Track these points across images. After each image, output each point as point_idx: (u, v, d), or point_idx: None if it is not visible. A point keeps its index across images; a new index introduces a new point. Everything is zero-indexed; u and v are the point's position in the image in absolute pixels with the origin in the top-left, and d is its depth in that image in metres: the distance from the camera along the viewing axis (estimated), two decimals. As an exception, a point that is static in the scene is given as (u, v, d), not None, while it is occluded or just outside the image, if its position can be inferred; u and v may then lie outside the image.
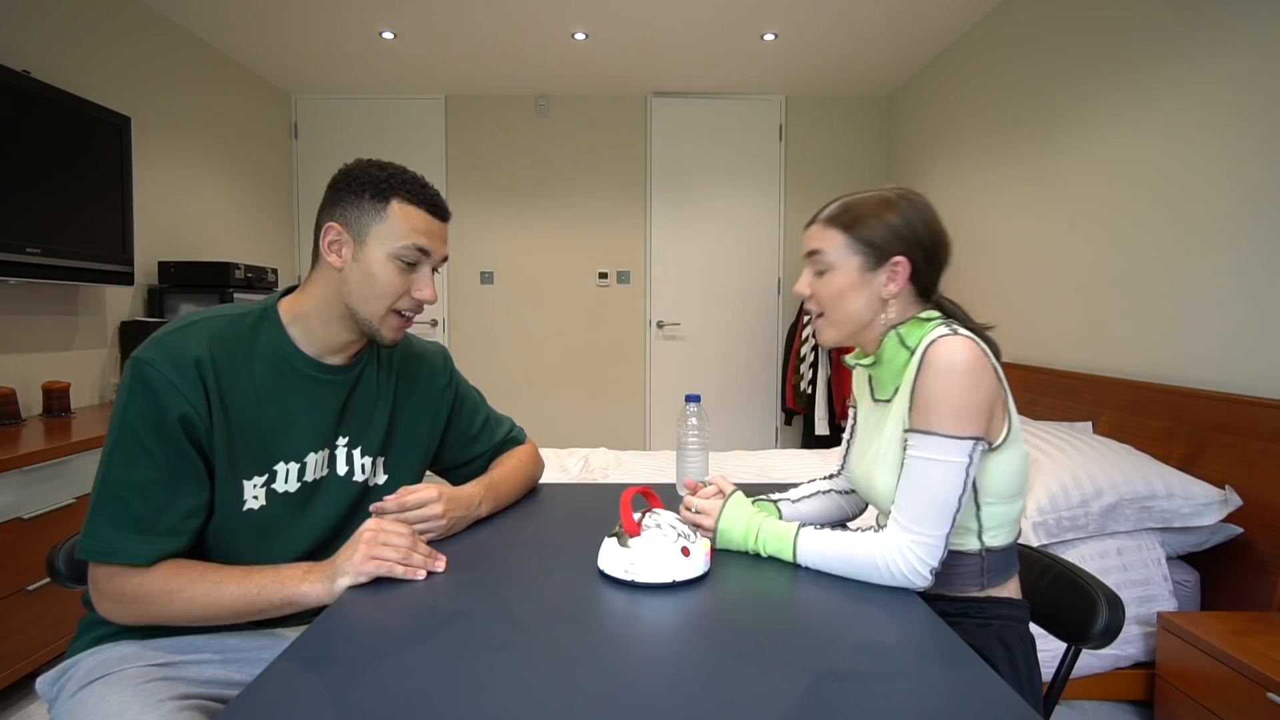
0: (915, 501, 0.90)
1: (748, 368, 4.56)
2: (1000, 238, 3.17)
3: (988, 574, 0.99)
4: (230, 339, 0.95)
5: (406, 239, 0.98)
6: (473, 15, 3.30)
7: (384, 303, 0.99)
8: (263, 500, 0.97)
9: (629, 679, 0.69)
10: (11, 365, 2.44)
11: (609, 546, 0.95)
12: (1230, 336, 1.97)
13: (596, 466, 2.61)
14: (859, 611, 0.85)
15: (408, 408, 1.17)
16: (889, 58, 3.81)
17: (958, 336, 0.92)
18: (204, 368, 0.91)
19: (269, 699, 0.65)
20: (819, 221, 1.04)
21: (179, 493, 0.89)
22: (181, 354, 0.90)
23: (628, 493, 0.98)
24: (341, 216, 0.98)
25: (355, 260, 0.98)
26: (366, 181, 0.98)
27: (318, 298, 1.01)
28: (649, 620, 0.82)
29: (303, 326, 1.01)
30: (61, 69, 2.60)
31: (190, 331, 0.93)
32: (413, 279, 1.01)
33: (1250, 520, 1.81)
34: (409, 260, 0.99)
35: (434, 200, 1.01)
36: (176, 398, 0.88)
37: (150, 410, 0.87)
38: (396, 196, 0.98)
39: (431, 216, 1.01)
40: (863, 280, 1.01)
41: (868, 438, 1.08)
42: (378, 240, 0.98)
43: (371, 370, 1.12)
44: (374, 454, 1.10)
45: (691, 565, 0.92)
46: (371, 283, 0.98)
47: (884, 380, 1.06)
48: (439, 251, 1.03)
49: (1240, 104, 1.93)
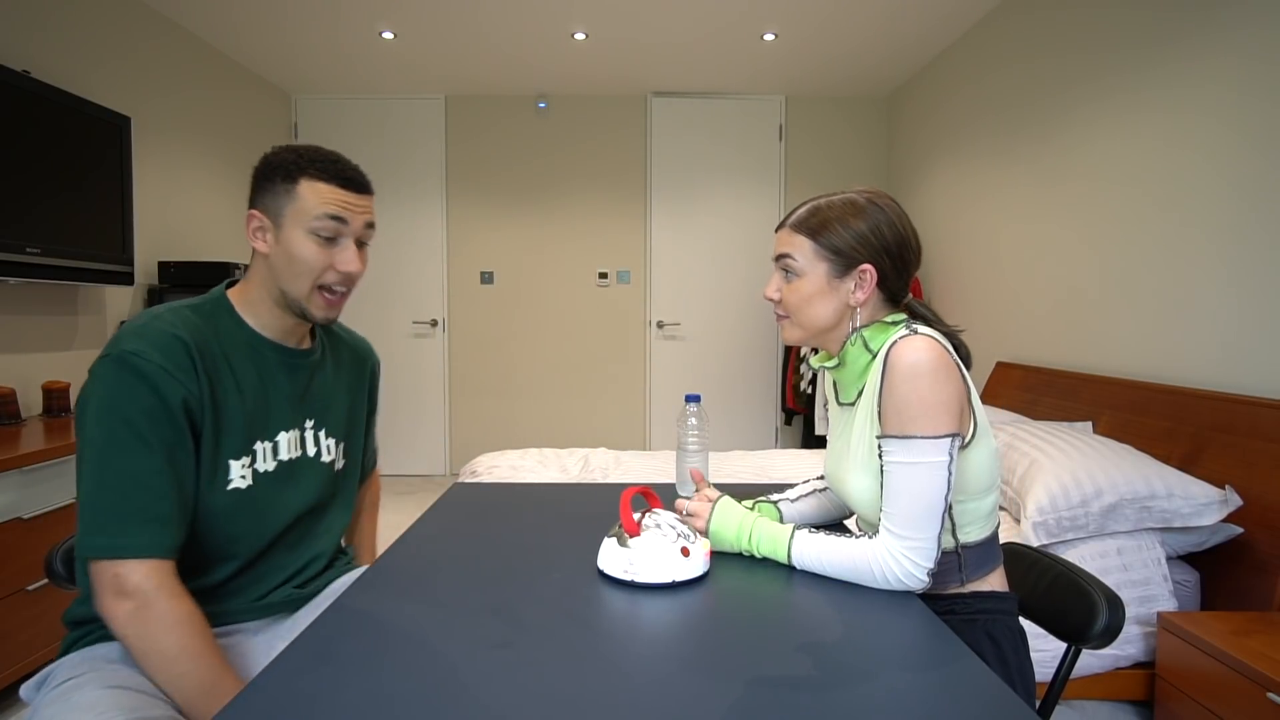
0: (903, 508, 0.90)
1: (748, 368, 4.56)
2: (1000, 238, 3.17)
3: (965, 569, 0.99)
4: (199, 326, 0.97)
5: (316, 211, 0.99)
6: (473, 15, 3.30)
7: (308, 279, 1.01)
8: (250, 480, 1.00)
9: (629, 679, 0.69)
10: (11, 365, 2.44)
11: (609, 546, 0.95)
12: (1230, 337, 1.97)
13: (596, 466, 2.61)
14: (858, 611, 0.85)
15: (356, 396, 1.22)
16: (888, 58, 3.81)
17: (918, 336, 0.92)
18: (192, 351, 0.93)
19: (268, 698, 0.65)
20: (788, 226, 1.04)
21: (177, 480, 0.90)
22: (168, 340, 0.91)
23: (627, 493, 0.99)
24: (260, 203, 1.01)
25: (277, 243, 1.00)
26: (277, 166, 0.99)
27: (256, 284, 1.04)
28: (649, 620, 0.82)
29: (252, 313, 1.04)
30: (61, 69, 2.60)
31: (166, 320, 0.94)
32: (334, 252, 1.01)
33: (1250, 520, 1.81)
34: (325, 234, 0.99)
35: (344, 173, 1.01)
36: (173, 383, 0.89)
37: (146, 399, 0.87)
38: (305, 175, 0.99)
39: (343, 189, 1.01)
40: (830, 288, 1.01)
41: (838, 441, 1.09)
42: (293, 220, 0.99)
43: (329, 356, 1.16)
44: (337, 437, 1.15)
45: (691, 565, 0.92)
46: (293, 261, 1.00)
47: (846, 383, 1.06)
48: (356, 221, 1.02)
49: (1239, 105, 1.93)
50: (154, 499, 0.87)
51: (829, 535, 0.97)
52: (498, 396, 4.55)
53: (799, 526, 1.00)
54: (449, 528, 1.18)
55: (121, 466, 0.86)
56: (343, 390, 1.18)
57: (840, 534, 0.97)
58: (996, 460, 1.00)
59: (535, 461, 2.63)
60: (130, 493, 0.86)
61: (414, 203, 4.46)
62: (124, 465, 0.86)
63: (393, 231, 4.45)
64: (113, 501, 0.86)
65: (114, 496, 0.86)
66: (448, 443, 4.57)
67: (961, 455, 0.95)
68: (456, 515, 1.25)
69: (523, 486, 1.50)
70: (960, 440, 0.92)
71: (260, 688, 0.66)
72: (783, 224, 1.06)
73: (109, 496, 0.86)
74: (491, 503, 1.34)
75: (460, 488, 1.44)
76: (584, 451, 2.80)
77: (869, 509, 0.99)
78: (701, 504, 1.07)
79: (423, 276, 4.49)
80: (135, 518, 0.86)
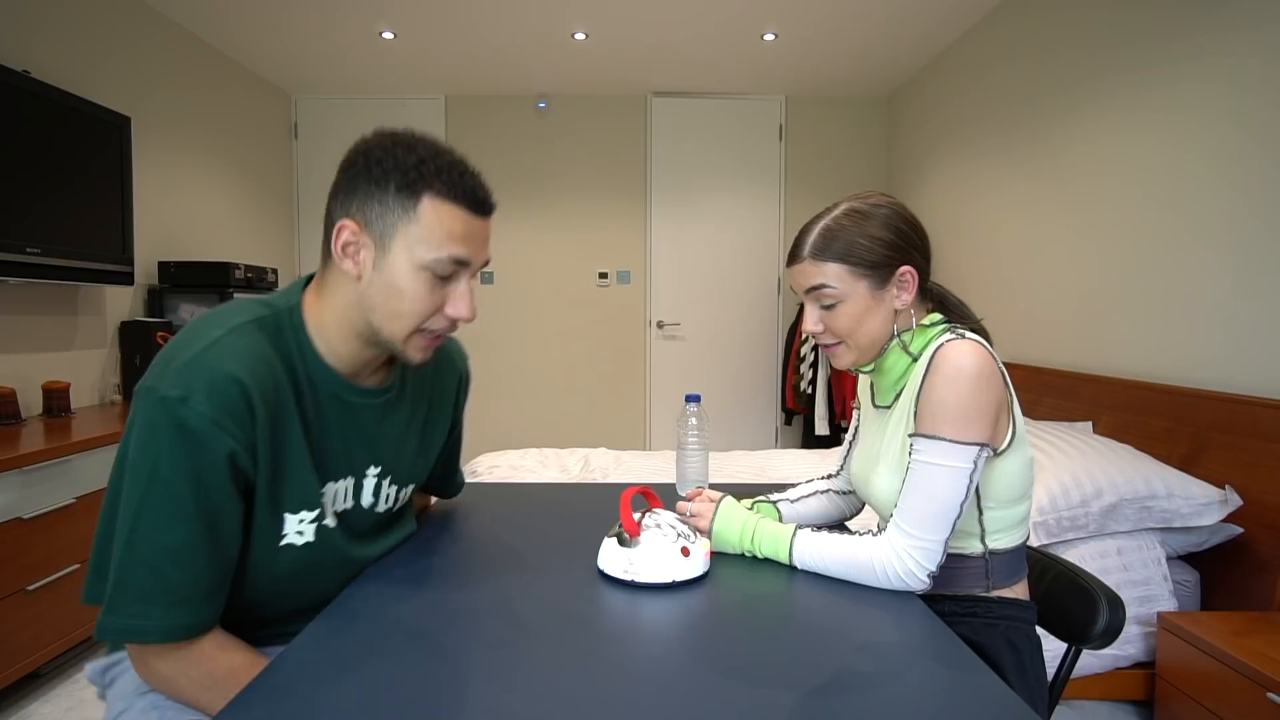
0: (916, 505, 0.90)
1: (748, 368, 4.56)
2: (1000, 238, 3.17)
3: (993, 576, 0.99)
4: (265, 355, 0.79)
5: (441, 249, 0.79)
6: (473, 15, 3.30)
7: (411, 321, 0.82)
8: (309, 536, 0.85)
9: (629, 679, 0.69)
10: (11, 365, 2.44)
11: (609, 546, 0.95)
12: (1230, 337, 1.97)
13: (596, 466, 2.61)
14: (859, 611, 0.85)
15: (436, 419, 1.06)
16: (889, 58, 3.81)
17: (965, 340, 0.92)
18: (251, 395, 0.75)
19: (268, 698, 0.65)
20: (807, 258, 0.98)
21: (218, 549, 0.76)
22: (221, 381, 0.73)
23: (628, 493, 0.98)
24: (360, 213, 0.79)
25: (376, 269, 0.80)
26: (392, 169, 0.78)
27: (335, 308, 0.84)
28: (649, 620, 0.82)
29: (325, 340, 0.85)
30: (61, 69, 2.60)
31: (223, 349, 0.76)
32: (446, 293, 0.84)
33: (1250, 520, 1.81)
34: (443, 274, 0.81)
35: (475, 194, 0.81)
36: (222, 438, 0.73)
37: (190, 460, 0.72)
38: (430, 191, 0.78)
39: (472, 215, 0.82)
40: (875, 301, 0.98)
41: (869, 441, 1.08)
42: (405, 246, 0.79)
43: (407, 391, 0.98)
44: (402, 483, 1.00)
45: (691, 565, 0.92)
46: (397, 298, 0.81)
47: (883, 387, 1.05)
48: (479, 258, 0.85)
49: (1240, 105, 1.93)
50: (189, 577, 0.74)
51: (830, 534, 0.97)
52: (498, 396, 4.55)
53: (800, 526, 1.00)
54: (449, 528, 1.18)
55: (156, 540, 0.73)
56: (419, 421, 1.01)
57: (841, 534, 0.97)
58: (1031, 469, 0.99)
59: (535, 461, 2.63)
60: (161, 569, 0.73)
61: (414, 203, 4.45)
62: (159, 537, 0.73)
63: (393, 231, 4.45)
64: (140, 580, 0.73)
65: (143, 573, 0.73)
66: (448, 443, 4.56)
67: (996, 462, 0.94)
68: (456, 515, 1.25)
69: (523, 486, 1.50)
70: (990, 450, 0.91)
71: (260, 687, 0.66)
72: (795, 256, 1.00)
73: (138, 572, 0.73)
74: (491, 503, 1.34)
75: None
76: (584, 451, 2.80)
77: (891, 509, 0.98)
78: (704, 504, 1.07)
79: (423, 276, 4.49)
80: (163, 599, 0.73)
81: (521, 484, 1.55)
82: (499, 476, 2.45)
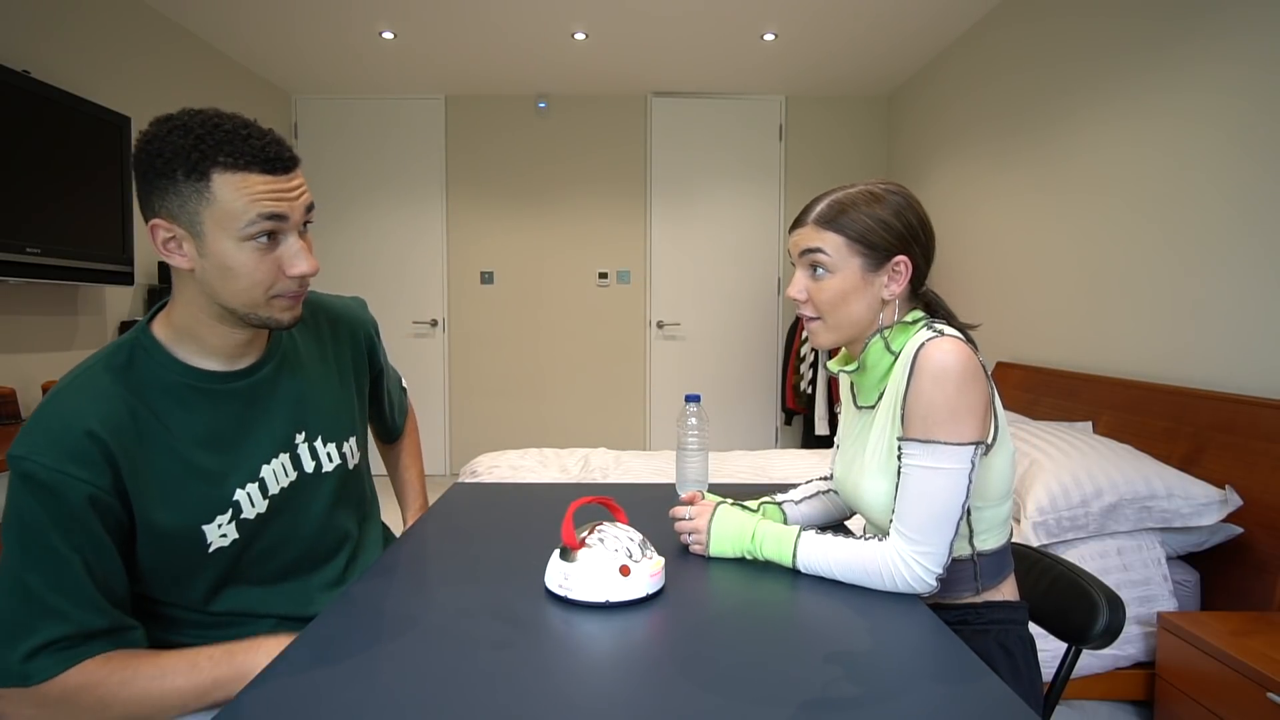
0: (918, 512, 0.88)
1: (748, 368, 4.56)
2: (1000, 238, 3.17)
3: (981, 578, 0.98)
4: (111, 394, 0.80)
5: (248, 218, 0.78)
6: (473, 15, 3.30)
7: (256, 292, 0.82)
8: (234, 534, 0.87)
9: (629, 679, 0.69)
10: (11, 365, 2.44)
11: (553, 559, 0.90)
12: (1230, 337, 1.97)
13: (596, 467, 2.61)
14: (859, 613, 0.85)
15: (355, 374, 1.08)
16: (888, 58, 3.81)
17: (946, 338, 0.90)
18: (97, 433, 0.76)
19: (268, 699, 0.65)
20: (811, 223, 0.98)
21: (103, 581, 0.77)
22: (60, 432, 0.75)
23: (575, 503, 0.92)
24: (163, 209, 0.79)
25: (202, 255, 0.80)
26: (173, 157, 0.76)
27: (188, 306, 0.85)
28: (650, 620, 0.82)
29: (192, 342, 0.86)
30: (61, 69, 2.60)
31: (61, 402, 0.78)
32: (279, 255, 0.82)
33: (1250, 520, 1.81)
34: (264, 239, 0.80)
35: (265, 153, 0.79)
36: (73, 484, 0.74)
37: (43, 510, 0.74)
38: (216, 168, 0.76)
39: (269, 175, 0.79)
40: (864, 282, 0.97)
41: (853, 445, 1.06)
42: (216, 226, 0.78)
43: (294, 351, 0.98)
44: (339, 438, 1.00)
45: (630, 587, 0.85)
46: (232, 276, 0.80)
47: (865, 387, 1.04)
48: (296, 210, 0.82)
49: (1239, 108, 1.93)
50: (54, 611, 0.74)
51: (835, 537, 0.95)
52: (498, 396, 4.55)
53: (805, 528, 0.98)
54: (449, 528, 1.18)
55: (32, 580, 0.74)
56: (333, 378, 1.02)
57: (844, 536, 0.97)
58: (1014, 464, 0.98)
59: (535, 461, 2.63)
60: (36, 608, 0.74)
61: (414, 203, 4.45)
62: (35, 579, 0.74)
63: (393, 231, 4.45)
64: (16, 619, 0.74)
65: (19, 612, 0.74)
66: (448, 443, 4.57)
67: (984, 461, 0.93)
68: (456, 515, 1.25)
69: (523, 486, 1.50)
70: (984, 448, 0.90)
71: (260, 687, 0.66)
72: (800, 221, 1.00)
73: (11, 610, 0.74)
74: (491, 503, 1.34)
75: (460, 488, 1.44)
76: (584, 451, 2.80)
77: (882, 514, 0.97)
78: (703, 505, 1.06)
79: (423, 276, 4.49)
80: (37, 634, 0.73)
81: (522, 484, 1.55)
82: (499, 476, 2.45)
